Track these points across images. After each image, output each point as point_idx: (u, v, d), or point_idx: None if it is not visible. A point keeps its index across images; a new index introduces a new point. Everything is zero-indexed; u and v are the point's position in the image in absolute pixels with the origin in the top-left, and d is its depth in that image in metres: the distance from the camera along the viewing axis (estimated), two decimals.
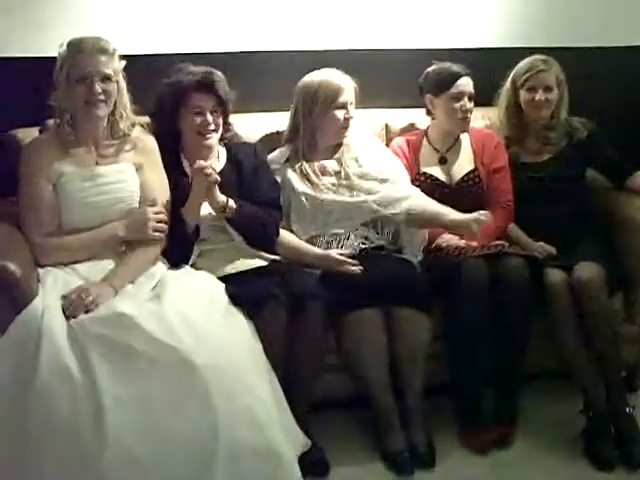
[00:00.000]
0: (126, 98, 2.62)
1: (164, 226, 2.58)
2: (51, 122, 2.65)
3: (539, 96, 3.09)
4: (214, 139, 2.78)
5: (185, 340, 2.20)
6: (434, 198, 2.97)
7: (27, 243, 2.48)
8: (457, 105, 3.05)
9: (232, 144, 2.91)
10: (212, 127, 2.75)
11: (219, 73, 2.78)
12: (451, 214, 2.86)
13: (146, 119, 2.82)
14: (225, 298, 2.48)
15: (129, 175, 2.61)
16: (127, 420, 2.11)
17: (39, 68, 2.59)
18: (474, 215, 2.79)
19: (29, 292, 2.30)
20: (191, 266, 2.67)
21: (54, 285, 2.38)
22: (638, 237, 3.01)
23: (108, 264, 2.51)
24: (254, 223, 2.73)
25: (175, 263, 2.63)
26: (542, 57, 3.14)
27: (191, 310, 2.32)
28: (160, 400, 2.14)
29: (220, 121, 2.79)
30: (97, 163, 2.58)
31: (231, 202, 2.67)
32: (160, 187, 2.66)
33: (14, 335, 2.21)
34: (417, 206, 2.94)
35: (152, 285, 2.46)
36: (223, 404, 2.16)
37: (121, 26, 3.11)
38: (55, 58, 2.53)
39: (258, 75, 3.28)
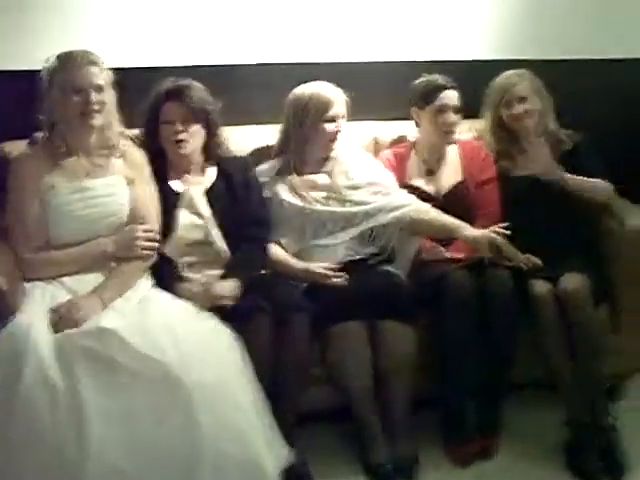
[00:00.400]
0: (115, 109, 2.64)
1: (154, 244, 2.59)
2: (40, 135, 2.66)
3: (516, 109, 3.10)
4: (189, 149, 2.78)
5: (169, 353, 2.22)
6: None
7: (12, 256, 2.50)
8: (441, 118, 3.08)
9: (222, 159, 2.91)
10: (184, 136, 2.74)
11: (195, 83, 2.79)
12: (467, 229, 2.89)
13: (135, 132, 2.84)
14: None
15: (119, 188, 2.62)
16: (111, 433, 2.12)
17: (25, 81, 2.62)
18: (492, 235, 2.80)
19: (14, 305, 2.32)
20: (179, 277, 2.68)
21: (41, 299, 2.40)
22: (623, 247, 3.03)
23: (96, 277, 2.51)
24: (250, 269, 2.76)
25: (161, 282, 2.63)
26: (515, 71, 3.16)
27: (175, 323, 2.34)
28: (144, 413, 2.16)
29: (195, 130, 2.77)
30: (87, 174, 2.59)
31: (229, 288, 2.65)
32: (152, 203, 2.67)
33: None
34: (420, 212, 2.96)
35: (138, 298, 2.47)
36: (207, 417, 2.18)
37: (112, 40, 3.14)
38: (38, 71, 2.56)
39: (249, 88, 3.30)
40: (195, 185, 2.82)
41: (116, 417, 2.14)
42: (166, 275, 2.64)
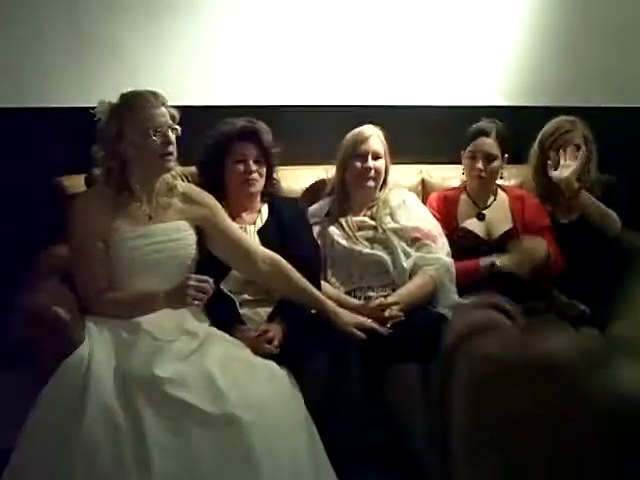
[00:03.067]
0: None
1: (204, 296, 2.44)
2: (97, 171, 2.61)
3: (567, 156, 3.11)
4: (257, 187, 2.82)
5: (230, 397, 2.21)
6: (471, 254, 3.01)
7: (73, 293, 2.49)
8: (470, 163, 3.11)
9: (274, 199, 2.94)
10: (255, 175, 2.78)
11: (262, 123, 2.83)
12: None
13: (190, 170, 2.87)
14: None
15: (184, 233, 2.58)
16: (172, 471, 2.11)
17: (81, 117, 2.61)
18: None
19: (76, 338, 2.33)
20: (237, 316, 2.67)
21: (100, 333, 2.38)
22: None
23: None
24: (301, 309, 2.69)
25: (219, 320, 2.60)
26: (568, 118, 3.19)
27: (234, 366, 2.33)
28: (205, 452, 2.15)
29: (264, 171, 2.81)
30: (150, 218, 2.55)
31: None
32: (242, 233, 2.68)
33: (61, 379, 2.24)
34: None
35: (197, 343, 2.41)
36: (267, 461, 2.16)
37: (169, 78, 3.18)
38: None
39: (304, 129, 3.33)
40: (249, 224, 2.84)
41: (177, 455, 2.13)
42: (225, 313, 2.63)
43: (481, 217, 3.17)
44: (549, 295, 3.04)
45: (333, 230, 2.98)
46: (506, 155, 3.13)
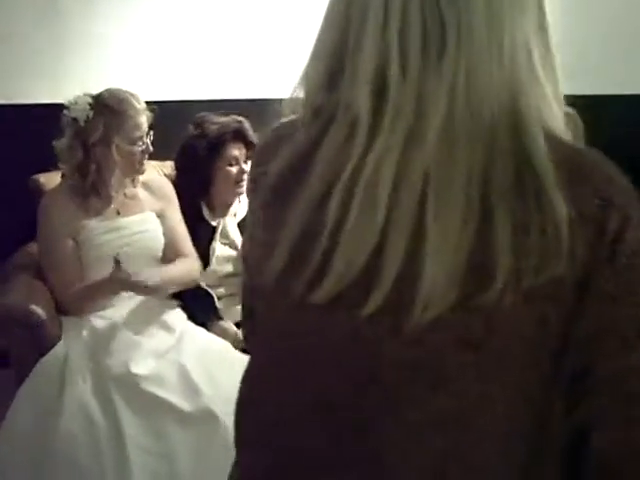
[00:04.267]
0: None
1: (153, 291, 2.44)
2: (64, 166, 2.58)
3: None
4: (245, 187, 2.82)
5: (206, 392, 2.21)
6: None
7: (49, 292, 2.48)
8: None
9: None
10: (246, 176, 2.77)
11: (245, 120, 2.82)
12: None
13: (165, 164, 2.86)
14: None
15: (152, 224, 2.60)
16: (151, 469, 2.12)
17: (53, 114, 2.57)
18: None
19: (53, 336, 2.33)
20: (215, 310, 2.67)
21: (78, 330, 2.38)
22: None
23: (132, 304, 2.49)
24: None
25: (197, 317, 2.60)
26: None
27: (211, 361, 2.34)
28: (183, 449, 2.15)
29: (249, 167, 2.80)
30: (118, 213, 2.56)
31: None
32: (185, 234, 2.67)
33: (38, 377, 2.24)
34: None
35: (174, 339, 2.42)
36: None
37: (143, 73, 3.18)
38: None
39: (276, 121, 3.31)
40: (230, 215, 2.84)
41: (156, 452, 2.14)
42: (202, 308, 2.63)
43: None
44: None
45: None
46: None
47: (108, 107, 2.47)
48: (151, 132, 2.54)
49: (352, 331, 0.82)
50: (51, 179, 2.77)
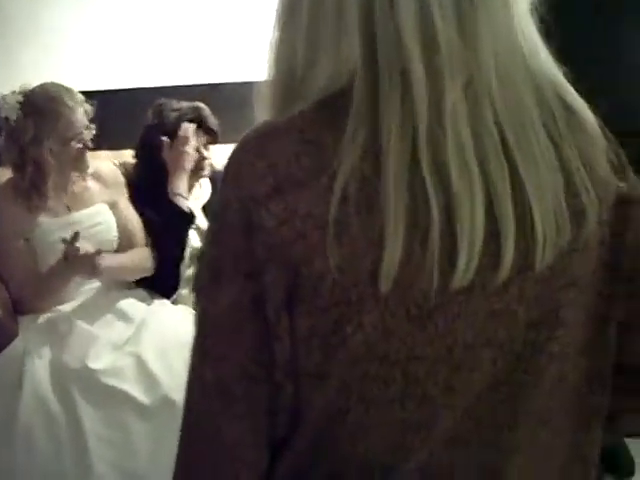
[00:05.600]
0: None
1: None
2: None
3: None
4: (207, 170, 2.80)
5: (164, 381, 2.19)
6: None
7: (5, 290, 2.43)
8: None
9: (214, 175, 2.86)
10: (208, 161, 2.77)
11: (205, 107, 2.77)
12: None
13: (121, 153, 2.80)
14: None
15: (104, 216, 2.56)
16: (111, 460, 2.10)
17: None
18: None
19: (10, 332, 2.30)
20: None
21: (36, 326, 2.35)
22: None
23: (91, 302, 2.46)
24: None
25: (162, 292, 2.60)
26: None
27: (170, 350, 2.29)
28: (143, 439, 2.14)
29: (210, 153, 2.78)
30: (69, 208, 2.51)
31: None
32: (138, 223, 2.63)
33: None
34: None
35: (132, 329, 2.39)
36: None
37: (95, 60, 3.12)
38: None
39: (236, 107, 3.25)
40: (194, 199, 2.80)
41: (116, 445, 2.12)
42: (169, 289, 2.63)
43: None
44: None
45: None
46: None
47: (37, 107, 2.39)
48: (92, 126, 2.46)
49: (489, 306, 0.78)
50: (3, 175, 2.66)
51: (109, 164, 2.74)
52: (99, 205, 2.56)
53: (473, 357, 0.78)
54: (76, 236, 2.27)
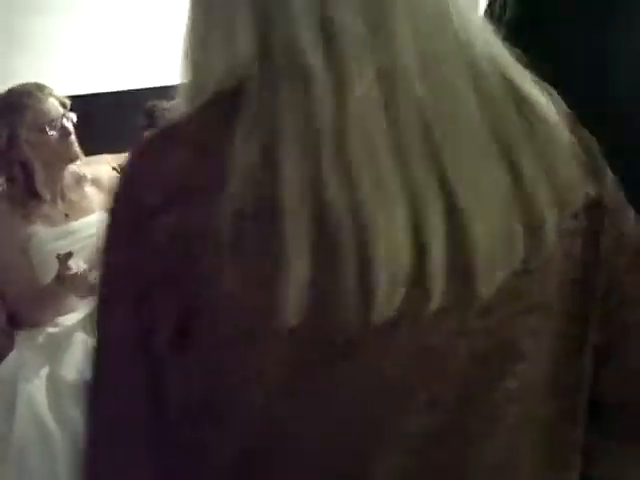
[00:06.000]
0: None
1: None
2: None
3: None
4: None
5: None
6: None
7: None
8: None
9: None
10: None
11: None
12: None
13: (122, 158, 2.74)
14: None
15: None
16: None
17: None
18: None
19: (5, 347, 2.27)
20: None
21: (33, 341, 2.31)
22: None
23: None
24: None
25: None
26: None
27: None
28: None
29: None
30: (67, 216, 2.45)
31: None
32: None
33: None
34: None
35: None
36: None
37: (86, 64, 3.10)
38: None
39: None
40: None
41: None
42: None
43: None
44: None
45: None
46: None
47: (6, 106, 2.38)
48: (71, 115, 2.40)
49: (420, 340, 0.64)
50: None
51: (108, 169, 2.68)
52: (99, 213, 2.48)
53: (402, 402, 0.65)
54: (68, 255, 2.21)
